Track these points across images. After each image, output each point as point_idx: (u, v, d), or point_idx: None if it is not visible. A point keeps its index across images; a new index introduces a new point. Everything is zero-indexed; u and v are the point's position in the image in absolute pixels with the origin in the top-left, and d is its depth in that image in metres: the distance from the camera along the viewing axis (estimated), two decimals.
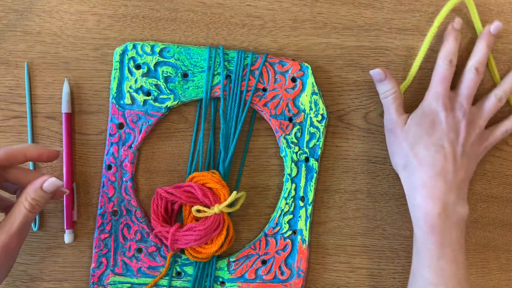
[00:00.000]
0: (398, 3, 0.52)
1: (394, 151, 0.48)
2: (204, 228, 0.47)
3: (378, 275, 0.53)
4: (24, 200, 0.40)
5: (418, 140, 0.46)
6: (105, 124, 0.51)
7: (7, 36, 0.51)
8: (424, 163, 0.45)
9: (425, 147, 0.46)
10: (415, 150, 0.46)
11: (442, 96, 0.47)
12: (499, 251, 0.53)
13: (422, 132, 0.46)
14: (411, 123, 0.47)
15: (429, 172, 0.45)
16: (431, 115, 0.47)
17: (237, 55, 0.50)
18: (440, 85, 0.47)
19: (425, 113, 0.47)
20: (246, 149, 0.52)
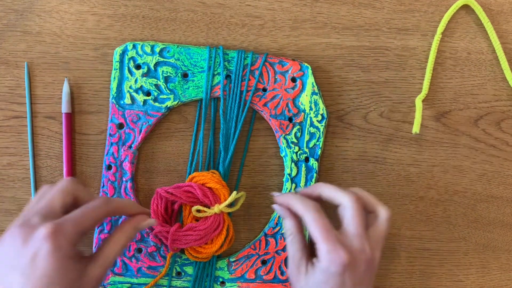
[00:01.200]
0: (398, 3, 0.52)
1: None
2: (204, 228, 0.47)
3: (378, 275, 0.53)
4: (121, 237, 0.41)
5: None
6: (105, 124, 0.51)
7: (7, 36, 0.51)
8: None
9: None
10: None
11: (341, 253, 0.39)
12: (499, 251, 0.53)
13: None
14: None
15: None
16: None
17: (237, 55, 0.50)
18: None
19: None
20: (246, 149, 0.52)
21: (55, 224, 0.37)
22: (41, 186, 0.42)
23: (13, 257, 0.37)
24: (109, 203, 0.40)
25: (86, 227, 0.38)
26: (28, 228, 0.37)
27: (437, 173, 0.52)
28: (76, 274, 0.37)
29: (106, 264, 0.40)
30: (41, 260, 0.36)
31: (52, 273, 0.36)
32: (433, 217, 0.53)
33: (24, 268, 0.36)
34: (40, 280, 0.36)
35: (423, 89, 0.52)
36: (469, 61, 0.52)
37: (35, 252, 0.36)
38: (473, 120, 0.52)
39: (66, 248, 0.37)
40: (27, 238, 0.36)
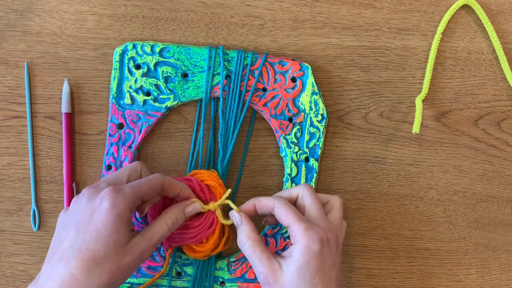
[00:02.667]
0: (398, 3, 0.52)
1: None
2: (197, 225, 0.47)
3: (378, 275, 0.53)
4: (168, 218, 0.43)
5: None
6: (105, 124, 0.51)
7: (7, 36, 0.51)
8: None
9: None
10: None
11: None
12: (499, 251, 0.53)
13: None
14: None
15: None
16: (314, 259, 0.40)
17: (237, 55, 0.50)
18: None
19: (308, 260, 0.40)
20: (246, 149, 0.52)
21: (116, 187, 0.40)
22: (132, 163, 0.46)
23: (75, 215, 0.40)
24: (164, 176, 0.44)
25: (143, 192, 0.41)
26: (94, 190, 0.41)
27: (437, 173, 0.52)
28: (122, 238, 0.39)
29: (152, 241, 0.41)
30: (97, 215, 0.39)
31: (103, 229, 0.39)
32: (433, 217, 0.53)
33: (81, 222, 0.39)
34: (91, 234, 0.38)
35: (423, 89, 0.52)
36: (469, 61, 0.52)
37: (94, 209, 0.39)
38: (473, 120, 0.52)
39: (122, 209, 0.39)
40: (91, 197, 0.40)
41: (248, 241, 0.43)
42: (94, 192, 0.40)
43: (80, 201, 0.41)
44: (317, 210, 0.43)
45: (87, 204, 0.40)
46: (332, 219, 0.44)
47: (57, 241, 0.40)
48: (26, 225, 0.52)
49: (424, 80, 0.52)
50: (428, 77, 0.52)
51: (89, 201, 0.40)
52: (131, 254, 0.40)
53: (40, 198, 0.52)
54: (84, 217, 0.39)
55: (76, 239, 0.39)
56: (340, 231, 0.44)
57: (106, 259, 0.38)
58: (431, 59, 0.52)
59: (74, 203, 0.41)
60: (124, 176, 0.44)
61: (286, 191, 0.46)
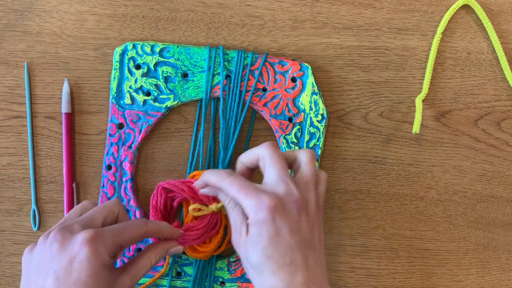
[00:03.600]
0: (398, 3, 0.52)
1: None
2: (202, 227, 0.47)
3: (378, 275, 0.53)
4: (152, 256, 0.42)
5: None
6: (105, 124, 0.51)
7: (7, 36, 0.51)
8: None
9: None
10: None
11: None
12: (499, 251, 0.53)
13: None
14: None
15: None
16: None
17: (237, 55, 0.50)
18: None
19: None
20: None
21: (95, 231, 0.37)
22: (83, 202, 0.43)
23: (48, 260, 0.37)
24: (147, 223, 0.41)
25: (124, 240, 0.39)
26: (68, 233, 0.37)
27: (437, 173, 0.52)
28: (108, 283, 0.38)
29: (136, 277, 0.40)
30: (77, 264, 0.36)
31: (87, 279, 0.36)
32: (433, 217, 0.53)
33: (59, 271, 0.36)
34: (74, 285, 0.36)
35: (423, 89, 0.52)
36: (469, 61, 0.52)
37: (72, 256, 0.36)
38: (473, 120, 0.52)
39: (103, 256, 0.37)
40: (65, 242, 0.37)
41: (228, 204, 0.41)
42: (68, 236, 0.37)
43: (51, 245, 0.37)
44: (276, 173, 0.39)
45: (61, 250, 0.37)
46: (299, 178, 0.40)
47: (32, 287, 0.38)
48: (26, 225, 0.52)
49: (424, 80, 0.52)
50: (428, 77, 0.52)
51: (64, 246, 0.37)
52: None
53: (40, 198, 0.52)
54: (62, 265, 0.36)
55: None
56: (312, 189, 0.40)
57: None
58: (431, 59, 0.52)
59: (43, 246, 0.38)
60: (100, 218, 0.40)
61: (249, 152, 0.41)
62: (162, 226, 0.43)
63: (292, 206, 0.38)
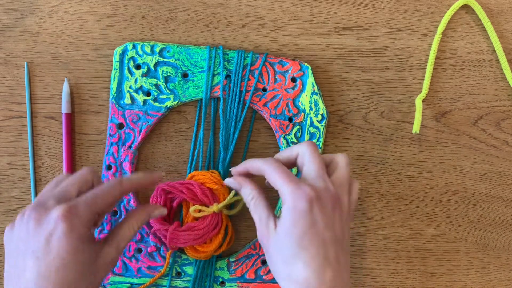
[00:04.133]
0: (398, 3, 0.52)
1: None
2: (202, 227, 0.47)
3: (378, 275, 0.53)
4: (134, 223, 0.41)
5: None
6: (105, 124, 0.51)
7: (7, 36, 0.51)
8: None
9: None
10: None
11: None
12: (499, 251, 0.53)
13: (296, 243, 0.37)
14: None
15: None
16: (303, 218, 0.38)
17: (237, 55, 0.50)
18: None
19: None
20: (246, 149, 0.52)
21: (69, 205, 0.37)
22: (58, 175, 0.42)
23: (26, 240, 0.37)
24: (122, 182, 0.40)
25: (100, 208, 0.38)
26: (42, 210, 0.37)
27: (437, 173, 0.52)
28: (89, 256, 0.37)
29: (120, 247, 0.40)
30: (55, 241, 0.36)
31: (66, 255, 0.36)
32: (433, 217, 0.53)
33: (37, 250, 0.36)
34: (54, 262, 0.36)
35: (423, 89, 0.52)
36: (469, 61, 0.52)
37: (49, 233, 0.36)
38: (473, 120, 0.52)
39: (80, 229, 0.36)
40: (40, 219, 0.36)
41: (252, 200, 0.41)
42: (42, 214, 0.36)
43: (27, 224, 0.37)
44: (315, 169, 0.39)
45: (37, 228, 0.36)
46: (335, 178, 0.40)
47: (14, 269, 0.37)
48: None
49: (424, 80, 0.52)
50: (428, 77, 0.52)
51: (39, 224, 0.36)
52: (104, 266, 0.39)
53: None
54: (39, 244, 0.36)
55: (40, 269, 0.36)
56: (346, 191, 0.40)
57: (80, 280, 0.37)
58: (431, 59, 0.52)
59: (20, 225, 0.37)
60: (74, 190, 0.39)
61: (287, 150, 0.42)
62: (138, 178, 0.42)
63: (328, 201, 0.38)
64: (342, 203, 0.39)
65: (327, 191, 0.38)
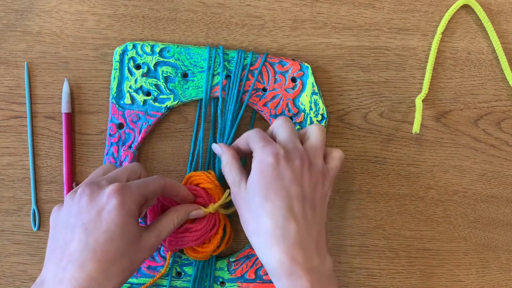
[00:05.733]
0: (398, 3, 0.52)
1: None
2: (200, 228, 0.47)
3: (378, 275, 0.53)
4: (175, 217, 0.43)
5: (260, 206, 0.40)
6: (105, 124, 0.51)
7: (7, 36, 0.51)
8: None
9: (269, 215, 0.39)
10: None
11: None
12: (499, 251, 0.53)
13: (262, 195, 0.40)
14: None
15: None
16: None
17: (237, 55, 0.50)
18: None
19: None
20: None
21: (122, 184, 0.39)
22: (104, 164, 0.45)
23: (76, 214, 0.38)
24: (165, 178, 0.43)
25: (149, 192, 0.41)
26: (96, 187, 0.39)
27: (437, 173, 0.52)
28: (134, 236, 0.39)
29: (161, 236, 0.42)
30: (106, 214, 0.38)
31: (115, 229, 0.37)
32: (433, 217, 0.53)
33: (88, 222, 0.37)
34: (103, 234, 0.37)
35: (423, 89, 0.52)
36: (469, 61, 0.52)
37: (101, 207, 0.38)
38: (473, 120, 0.52)
39: (130, 206, 0.38)
40: (94, 195, 0.38)
41: (226, 166, 0.44)
42: (97, 190, 0.39)
43: (80, 199, 0.39)
44: (286, 134, 0.42)
45: (90, 203, 0.38)
46: (307, 145, 0.42)
47: (59, 242, 0.38)
48: (26, 225, 0.52)
49: (424, 80, 0.52)
50: (428, 77, 0.52)
51: (92, 199, 0.38)
52: (144, 250, 0.40)
53: (40, 198, 0.52)
54: (91, 217, 0.37)
55: (87, 241, 0.37)
56: (319, 155, 0.42)
57: (122, 257, 0.38)
58: (431, 59, 0.52)
59: (72, 201, 0.39)
60: (124, 177, 0.42)
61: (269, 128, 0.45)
62: (178, 184, 0.45)
63: (296, 159, 0.40)
64: (313, 163, 0.41)
65: (296, 150, 0.41)
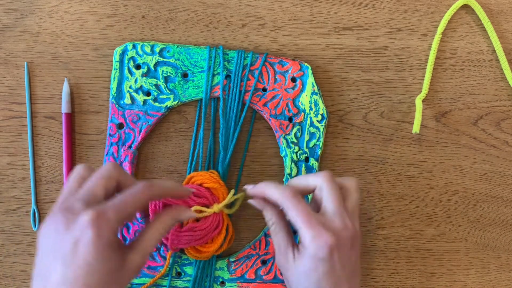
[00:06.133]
0: (398, 3, 0.52)
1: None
2: (204, 228, 0.47)
3: (378, 275, 0.53)
4: (161, 227, 0.41)
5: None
6: (105, 124, 0.51)
7: (7, 36, 0.51)
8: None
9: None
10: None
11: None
12: (499, 251, 0.53)
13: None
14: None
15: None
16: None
17: (237, 55, 0.50)
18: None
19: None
20: (246, 149, 0.52)
21: (97, 211, 0.36)
22: (77, 166, 0.41)
23: (53, 244, 0.36)
24: (151, 187, 0.39)
25: (129, 213, 0.38)
26: (70, 214, 0.36)
27: (437, 173, 0.52)
28: (116, 262, 0.37)
29: (146, 252, 0.39)
30: (82, 247, 0.35)
31: (93, 262, 0.35)
32: (433, 217, 0.53)
33: (65, 255, 0.35)
34: (81, 268, 0.35)
35: (423, 89, 0.52)
36: (469, 61, 0.52)
37: (77, 238, 0.35)
38: (473, 120, 0.52)
39: (108, 236, 0.36)
40: (69, 224, 0.36)
41: (272, 226, 0.42)
42: (70, 218, 0.36)
43: (55, 228, 0.36)
44: (334, 205, 0.40)
45: (64, 233, 0.36)
46: (349, 207, 0.41)
47: (43, 270, 0.37)
48: (26, 225, 0.52)
49: (424, 80, 0.52)
50: (428, 77, 0.52)
51: (67, 229, 0.36)
52: (129, 272, 0.38)
53: (40, 198, 0.52)
54: (66, 249, 0.35)
55: (66, 274, 0.35)
56: (356, 220, 0.41)
57: (106, 286, 0.36)
58: (431, 59, 0.52)
59: (50, 226, 0.37)
60: (101, 190, 0.38)
61: (303, 178, 0.42)
62: (169, 187, 0.41)
63: (347, 242, 0.39)
64: (357, 235, 0.40)
65: (346, 231, 0.39)
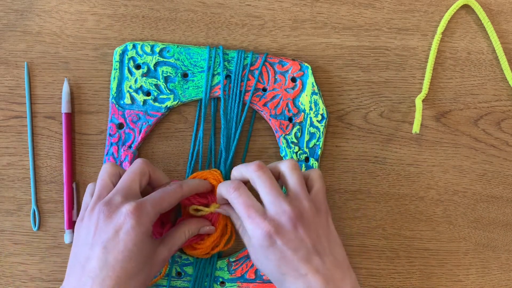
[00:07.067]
0: (398, 3, 0.52)
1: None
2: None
3: (378, 275, 0.53)
4: (187, 230, 0.46)
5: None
6: (105, 124, 0.51)
7: (7, 36, 0.51)
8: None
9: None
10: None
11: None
12: (499, 251, 0.53)
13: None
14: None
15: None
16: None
17: (237, 55, 0.50)
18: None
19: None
20: (246, 149, 0.52)
21: (138, 203, 0.40)
22: (105, 164, 0.45)
23: (95, 232, 0.40)
24: (183, 187, 0.44)
25: (164, 208, 0.42)
26: (112, 206, 0.40)
27: (437, 173, 0.52)
28: (150, 252, 0.41)
29: (173, 249, 0.44)
30: (123, 234, 0.39)
31: (133, 247, 0.39)
32: (433, 217, 0.53)
33: (106, 241, 0.39)
34: (121, 253, 0.39)
35: (423, 89, 0.52)
36: (469, 61, 0.52)
37: (119, 226, 0.39)
38: (473, 120, 0.52)
39: (146, 226, 0.40)
40: (110, 214, 0.40)
41: (239, 228, 0.45)
42: (112, 209, 0.40)
43: (97, 218, 0.40)
44: (265, 195, 0.41)
45: (107, 222, 0.40)
46: (288, 190, 0.43)
47: (80, 258, 0.40)
48: (26, 225, 0.52)
49: (424, 80, 0.52)
50: (428, 77, 0.52)
51: (109, 219, 0.40)
52: (158, 264, 0.42)
53: (40, 198, 0.52)
54: (108, 235, 0.39)
55: (107, 259, 0.39)
56: (303, 195, 0.42)
57: (139, 273, 0.40)
58: (431, 59, 0.52)
59: (90, 219, 0.41)
60: (137, 185, 0.43)
61: (238, 169, 0.44)
62: (196, 185, 0.46)
63: (288, 224, 0.40)
64: (303, 213, 0.41)
65: (282, 214, 0.40)
